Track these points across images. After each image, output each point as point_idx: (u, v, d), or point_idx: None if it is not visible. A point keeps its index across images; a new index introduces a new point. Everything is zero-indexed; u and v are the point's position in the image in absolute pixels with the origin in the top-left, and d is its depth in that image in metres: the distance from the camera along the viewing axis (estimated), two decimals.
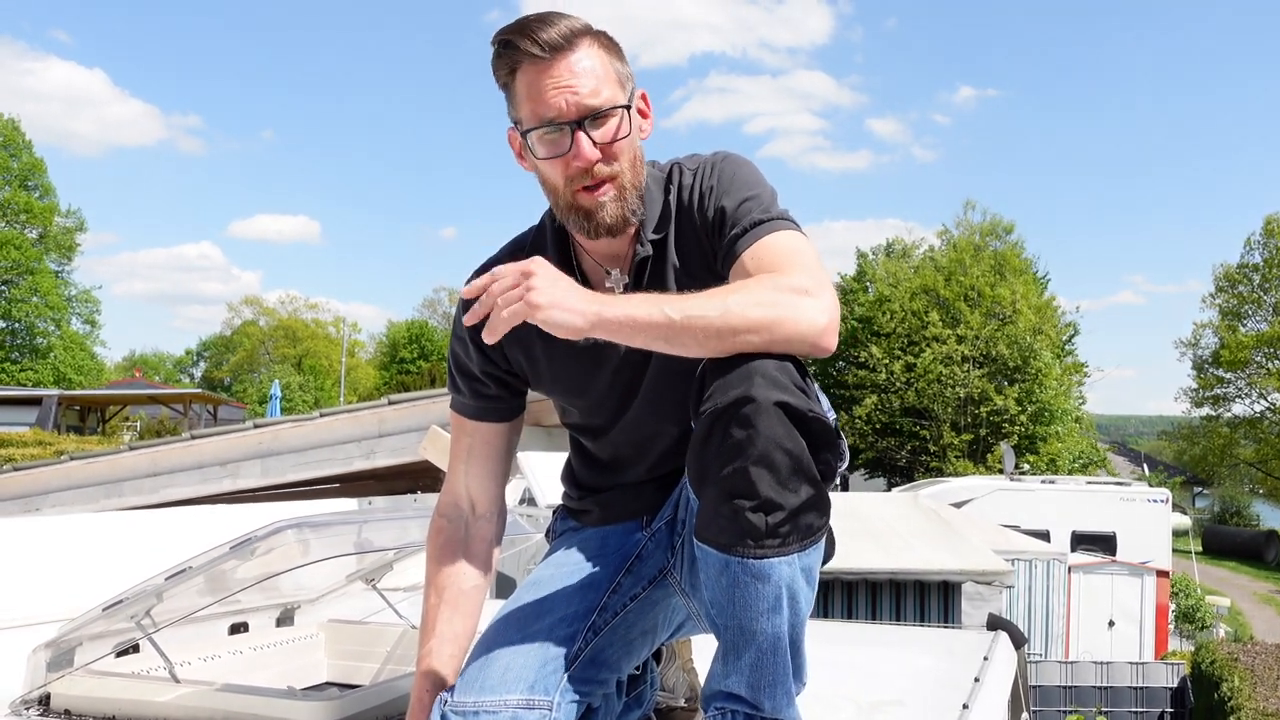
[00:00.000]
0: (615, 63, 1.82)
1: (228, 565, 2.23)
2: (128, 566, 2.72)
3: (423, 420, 9.16)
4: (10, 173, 44.95)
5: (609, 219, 1.80)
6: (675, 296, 1.64)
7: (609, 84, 1.78)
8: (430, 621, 1.95)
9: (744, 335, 1.60)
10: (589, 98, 1.75)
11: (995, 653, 3.04)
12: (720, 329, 1.60)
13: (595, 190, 1.79)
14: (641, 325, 1.61)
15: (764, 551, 1.57)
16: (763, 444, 1.54)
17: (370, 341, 72.30)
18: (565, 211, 1.83)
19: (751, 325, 1.60)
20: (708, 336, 1.60)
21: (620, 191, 1.80)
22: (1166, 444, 50.77)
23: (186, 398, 36.28)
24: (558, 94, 1.74)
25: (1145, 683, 12.65)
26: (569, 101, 1.74)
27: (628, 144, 1.80)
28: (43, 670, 2.28)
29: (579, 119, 1.75)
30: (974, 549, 10.30)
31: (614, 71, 1.80)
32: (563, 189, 1.80)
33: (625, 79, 1.83)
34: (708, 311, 1.60)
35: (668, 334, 1.61)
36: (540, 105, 1.76)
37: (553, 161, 1.78)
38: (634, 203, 1.82)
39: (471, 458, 2.02)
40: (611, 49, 1.82)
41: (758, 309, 1.61)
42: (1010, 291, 31.89)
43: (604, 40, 1.82)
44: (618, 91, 1.79)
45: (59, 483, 10.40)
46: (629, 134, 1.80)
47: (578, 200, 1.80)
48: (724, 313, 1.60)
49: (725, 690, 1.69)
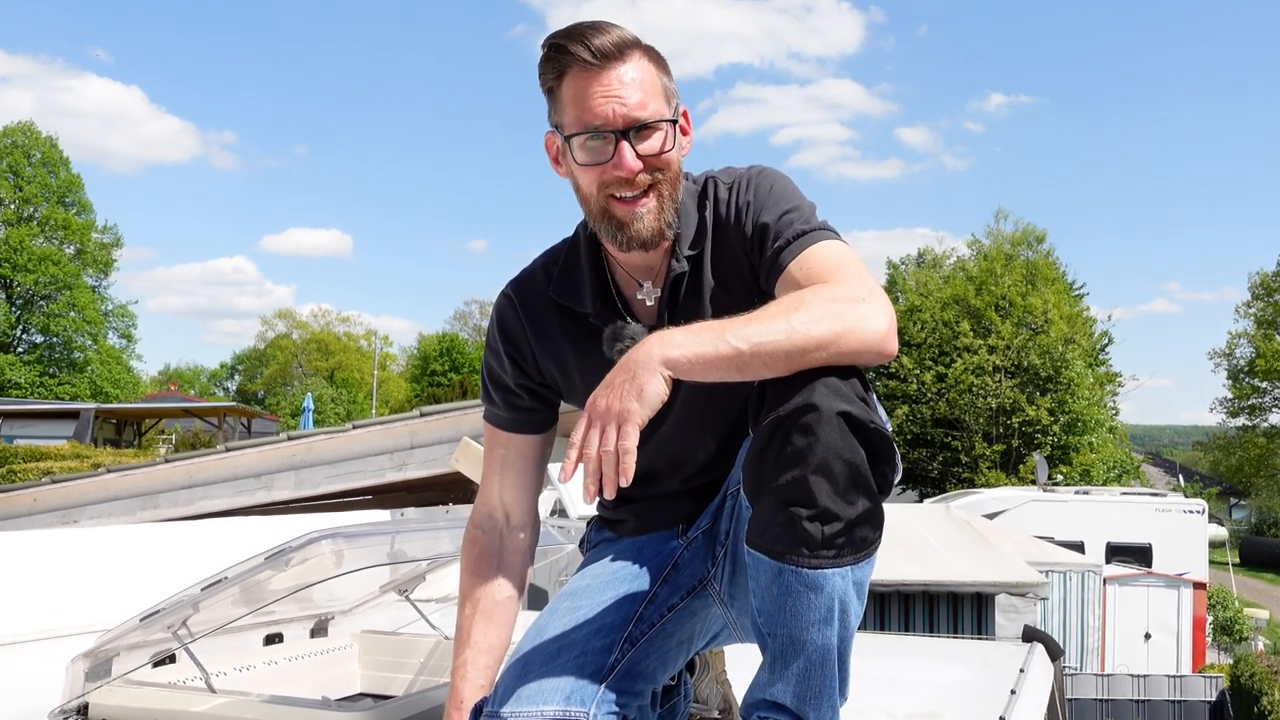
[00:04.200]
0: (663, 77, 1.82)
1: (263, 576, 2.24)
2: (164, 577, 2.74)
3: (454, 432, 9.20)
4: (49, 189, 45.65)
5: (645, 232, 1.80)
6: (735, 322, 1.61)
7: (656, 97, 1.78)
8: (465, 632, 1.95)
9: (812, 354, 1.58)
10: (636, 109, 1.75)
11: (1031, 665, 3.01)
12: (789, 351, 1.58)
13: (634, 203, 1.78)
14: (710, 361, 1.59)
15: (819, 561, 1.56)
16: (823, 453, 1.53)
17: (402, 355, 72.72)
18: (598, 219, 1.82)
19: (818, 342, 1.58)
20: (776, 360, 1.58)
21: (660, 204, 1.80)
22: (1202, 454, 50.19)
23: (221, 411, 36.64)
24: (606, 102, 1.74)
25: (1183, 696, 12.50)
26: (616, 111, 1.74)
27: (671, 159, 1.80)
28: (81, 680, 2.30)
29: (625, 129, 1.75)
30: (1007, 560, 10.22)
31: (661, 86, 1.80)
32: (596, 196, 1.80)
33: (671, 94, 1.83)
34: (775, 336, 1.58)
35: (739, 364, 1.59)
36: (586, 112, 1.75)
37: (590, 169, 1.78)
38: (671, 217, 1.82)
39: (505, 469, 2.02)
40: (659, 63, 1.82)
41: (821, 325, 1.59)
42: (1042, 301, 31.70)
43: (653, 54, 1.82)
44: (663, 106, 1.79)
45: (96, 495, 10.50)
46: (672, 149, 1.80)
47: (612, 209, 1.79)
48: (790, 334, 1.58)
49: (769, 699, 1.67)
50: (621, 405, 1.56)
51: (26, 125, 46.07)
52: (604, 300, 1.90)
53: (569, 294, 1.92)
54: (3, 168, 44.71)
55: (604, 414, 1.57)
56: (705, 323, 1.65)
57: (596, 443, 1.56)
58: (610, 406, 1.57)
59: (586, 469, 1.57)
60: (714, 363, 1.59)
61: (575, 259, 1.92)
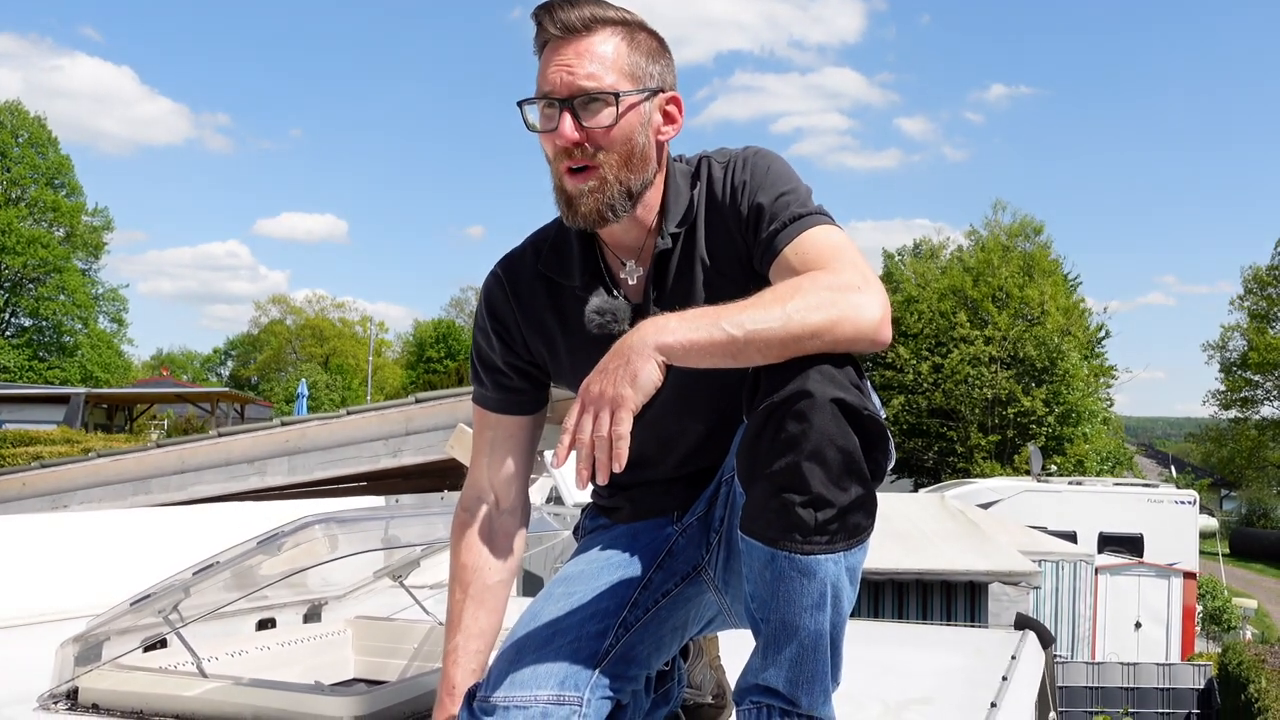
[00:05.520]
0: (636, 56, 1.79)
1: (255, 560, 2.23)
2: (155, 562, 2.73)
3: (450, 418, 9.19)
4: (37, 171, 45.34)
5: (584, 209, 1.78)
6: (731, 309, 1.61)
7: (614, 72, 1.76)
8: (456, 617, 1.94)
9: (807, 341, 1.58)
10: (583, 79, 1.74)
11: (1023, 652, 3.02)
12: (784, 339, 1.58)
13: (579, 177, 1.77)
14: (704, 347, 1.59)
15: (811, 547, 1.56)
16: (816, 439, 1.53)
17: (397, 341, 72.72)
18: (555, 192, 1.83)
19: (813, 330, 1.58)
20: (771, 347, 1.58)
21: (601, 184, 1.77)
22: (1194, 446, 50.43)
23: (214, 396, 36.54)
24: (556, 71, 1.75)
25: (1172, 684, 12.59)
26: (563, 80, 1.74)
27: (618, 136, 1.77)
28: (71, 664, 2.29)
29: (569, 97, 1.74)
30: (1001, 550, 10.26)
31: (628, 64, 1.78)
32: (554, 166, 1.80)
33: (643, 75, 1.80)
34: (770, 323, 1.58)
35: (733, 351, 1.59)
36: (542, 80, 1.77)
37: (544, 136, 1.79)
38: (615, 199, 1.79)
39: (494, 451, 2.01)
40: (636, 44, 1.80)
41: (817, 312, 1.59)
42: (1039, 292, 31.76)
43: (633, 34, 1.80)
44: (624, 82, 1.77)
45: (87, 480, 10.48)
46: (619, 126, 1.76)
47: (564, 182, 1.79)
48: (785, 322, 1.58)
49: (762, 684, 1.67)
50: (615, 390, 1.56)
51: (14, 105, 45.62)
52: (592, 275, 1.89)
53: (557, 268, 1.92)
54: None
55: (597, 399, 1.56)
56: (700, 309, 1.65)
57: (589, 428, 1.56)
58: (604, 392, 1.56)
59: (579, 454, 1.57)
60: (708, 349, 1.59)
61: (565, 235, 1.92)
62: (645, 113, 1.80)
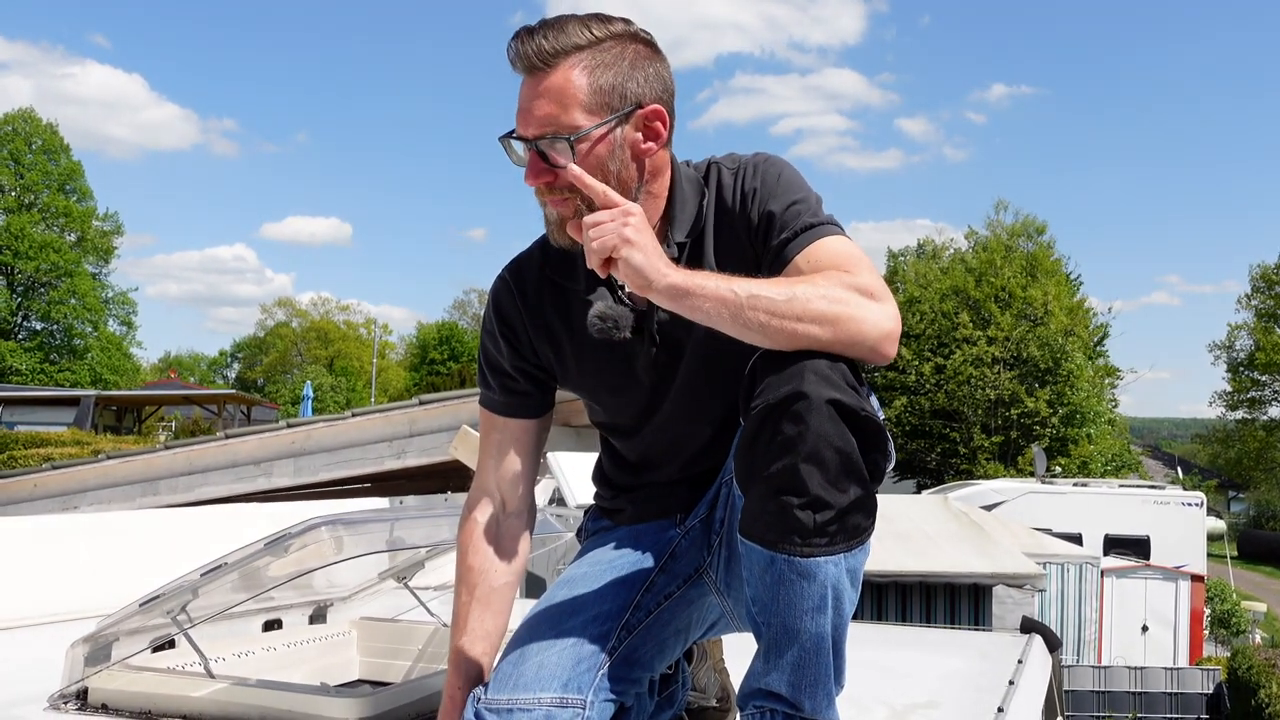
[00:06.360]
0: (603, 80, 1.74)
1: (262, 562, 2.25)
2: (164, 563, 2.75)
3: (453, 420, 9.21)
4: (49, 177, 45.64)
5: (557, 236, 1.80)
6: (742, 278, 1.63)
7: (574, 108, 1.72)
8: (461, 618, 1.95)
9: (808, 325, 1.59)
10: (538, 124, 1.73)
11: (1030, 656, 3.01)
12: (785, 313, 1.58)
13: (560, 203, 1.77)
14: (710, 295, 1.60)
15: (810, 550, 1.56)
16: (813, 441, 1.53)
17: (401, 343, 72.79)
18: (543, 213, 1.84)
19: (816, 316, 1.59)
20: (771, 317, 1.59)
21: (577, 213, 1.75)
22: (1201, 447, 50.25)
23: (221, 398, 36.65)
24: (520, 112, 1.75)
25: (1180, 688, 12.54)
26: (525, 121, 1.74)
27: (565, 179, 1.73)
28: (80, 664, 2.31)
29: (533, 139, 1.74)
30: (1005, 552, 10.23)
31: (588, 95, 1.73)
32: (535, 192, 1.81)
33: (614, 98, 1.74)
34: (775, 295, 1.59)
35: (734, 310, 1.60)
36: (516, 115, 1.76)
37: None
38: None
39: (500, 454, 2.01)
40: (605, 65, 1.74)
41: (824, 302, 1.60)
42: (1042, 292, 31.66)
43: (599, 56, 1.74)
44: (582, 117, 1.72)
45: (96, 481, 10.52)
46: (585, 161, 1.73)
47: (545, 209, 1.80)
48: (790, 299, 1.59)
49: (765, 689, 1.68)
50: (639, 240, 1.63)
51: (27, 112, 46.11)
52: (597, 279, 1.87)
53: (563, 272, 1.92)
54: (3, 155, 44.72)
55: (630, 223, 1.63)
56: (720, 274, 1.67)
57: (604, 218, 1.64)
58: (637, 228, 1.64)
59: (585, 236, 1.64)
60: (710, 297, 1.61)
61: None
62: (617, 139, 1.76)
